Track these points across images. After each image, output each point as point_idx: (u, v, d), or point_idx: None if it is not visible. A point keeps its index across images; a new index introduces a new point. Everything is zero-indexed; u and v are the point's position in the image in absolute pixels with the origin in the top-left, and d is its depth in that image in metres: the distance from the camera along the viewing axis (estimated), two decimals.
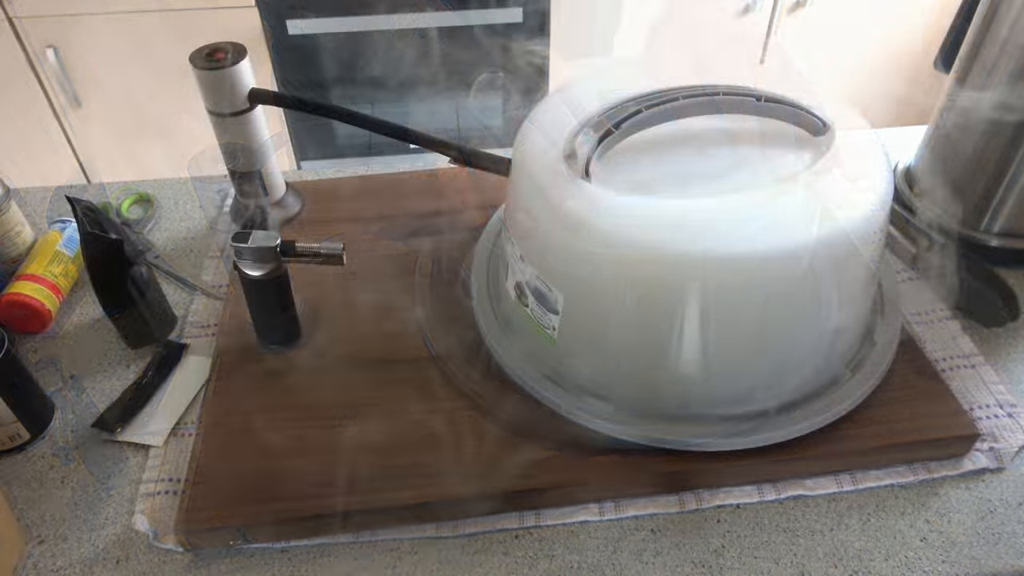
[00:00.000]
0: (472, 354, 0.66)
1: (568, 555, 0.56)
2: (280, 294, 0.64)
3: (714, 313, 0.53)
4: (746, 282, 0.53)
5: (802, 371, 0.59)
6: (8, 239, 0.77)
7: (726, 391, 0.58)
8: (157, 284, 0.70)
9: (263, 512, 0.55)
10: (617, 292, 0.55)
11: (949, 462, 0.61)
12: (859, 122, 0.61)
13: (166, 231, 0.85)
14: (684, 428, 0.58)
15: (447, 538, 0.57)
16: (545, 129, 0.61)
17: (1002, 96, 0.71)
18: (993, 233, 0.77)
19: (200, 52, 0.72)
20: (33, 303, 0.71)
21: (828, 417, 0.59)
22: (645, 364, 0.58)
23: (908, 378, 0.63)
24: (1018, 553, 0.56)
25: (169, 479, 0.60)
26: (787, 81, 0.65)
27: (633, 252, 0.52)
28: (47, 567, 0.56)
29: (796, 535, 0.57)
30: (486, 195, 0.84)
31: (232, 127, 0.75)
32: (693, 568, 0.55)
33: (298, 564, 0.56)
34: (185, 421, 0.64)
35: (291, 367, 0.66)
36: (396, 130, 0.73)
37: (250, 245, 0.60)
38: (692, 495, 0.59)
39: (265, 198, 0.81)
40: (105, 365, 0.70)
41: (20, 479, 0.61)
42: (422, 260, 0.76)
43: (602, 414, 0.59)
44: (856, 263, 0.56)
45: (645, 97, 0.62)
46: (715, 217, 0.53)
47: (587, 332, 0.59)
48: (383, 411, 0.62)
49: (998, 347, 0.69)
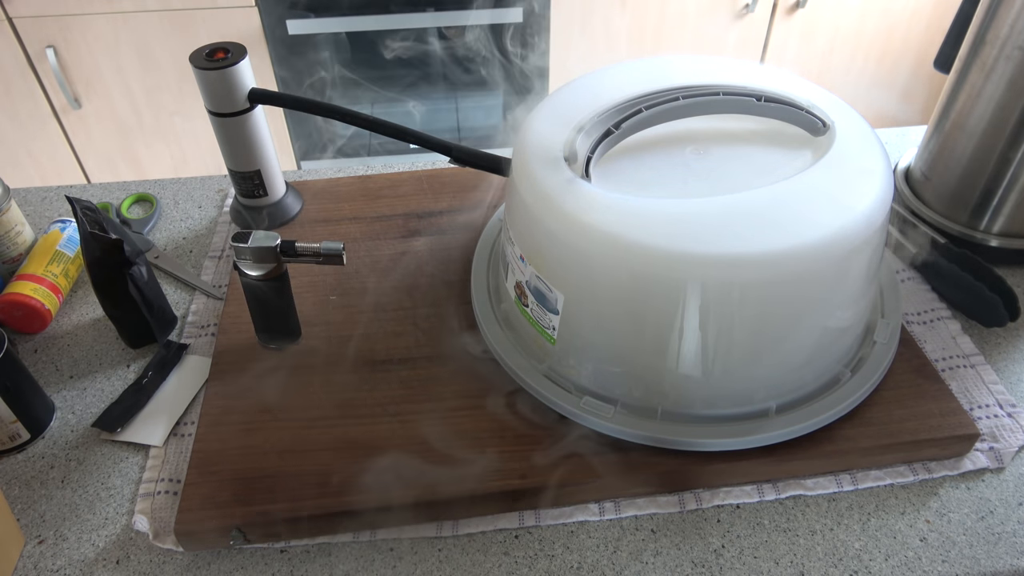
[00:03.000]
0: (472, 354, 0.66)
1: (568, 555, 0.56)
2: (280, 294, 0.64)
3: (714, 313, 0.53)
4: (746, 282, 0.53)
5: (802, 371, 0.59)
6: (8, 239, 0.77)
7: (726, 391, 0.58)
8: (157, 284, 0.70)
9: (262, 512, 0.55)
10: (617, 292, 0.55)
11: (949, 462, 0.61)
12: (859, 122, 0.61)
13: (166, 231, 0.85)
14: (684, 428, 0.58)
15: (447, 538, 0.57)
16: (545, 129, 0.61)
17: (1001, 96, 0.71)
18: (993, 233, 0.77)
19: (200, 52, 0.72)
20: (33, 303, 0.71)
21: (828, 417, 0.59)
22: (645, 364, 0.58)
23: (908, 378, 0.63)
24: (1018, 553, 0.56)
25: (169, 479, 0.60)
26: (787, 81, 0.65)
27: (633, 252, 0.52)
28: (47, 567, 0.56)
29: (796, 535, 0.57)
30: (486, 195, 0.84)
31: (232, 127, 0.75)
32: (693, 568, 0.55)
33: (297, 564, 0.56)
34: (185, 421, 0.64)
35: (291, 367, 0.66)
36: (396, 130, 0.73)
37: (250, 245, 0.60)
38: (692, 495, 0.59)
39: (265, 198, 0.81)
40: (105, 365, 0.70)
41: (20, 479, 0.61)
42: (422, 260, 0.76)
43: (602, 414, 0.59)
44: (856, 263, 0.56)
45: (645, 97, 0.62)
46: (715, 217, 0.53)
47: (587, 332, 0.59)
48: (383, 411, 0.62)
49: (998, 347, 0.69)
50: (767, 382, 0.59)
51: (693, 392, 0.58)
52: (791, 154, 0.60)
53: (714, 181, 0.58)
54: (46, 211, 0.88)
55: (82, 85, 1.65)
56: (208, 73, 0.71)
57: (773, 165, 0.59)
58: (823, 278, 0.55)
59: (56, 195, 0.90)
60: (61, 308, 0.75)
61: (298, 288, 0.70)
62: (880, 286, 0.69)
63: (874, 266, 0.60)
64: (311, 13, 1.62)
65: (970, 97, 0.74)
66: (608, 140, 0.58)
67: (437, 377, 0.64)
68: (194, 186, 0.91)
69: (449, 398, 0.62)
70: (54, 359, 0.70)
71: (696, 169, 0.59)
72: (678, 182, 0.58)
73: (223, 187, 0.90)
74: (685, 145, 0.61)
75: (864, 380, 0.61)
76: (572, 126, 0.61)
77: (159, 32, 1.60)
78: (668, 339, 0.55)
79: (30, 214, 0.87)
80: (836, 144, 0.58)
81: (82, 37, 1.59)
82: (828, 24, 1.80)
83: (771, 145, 0.61)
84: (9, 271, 0.76)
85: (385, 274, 0.75)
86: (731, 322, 0.55)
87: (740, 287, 0.53)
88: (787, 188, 0.55)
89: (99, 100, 1.68)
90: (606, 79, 0.65)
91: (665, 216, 0.53)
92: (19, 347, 0.72)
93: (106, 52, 1.62)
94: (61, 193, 0.90)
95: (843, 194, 0.55)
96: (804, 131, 0.62)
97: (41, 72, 1.62)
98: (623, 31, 1.75)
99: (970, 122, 0.74)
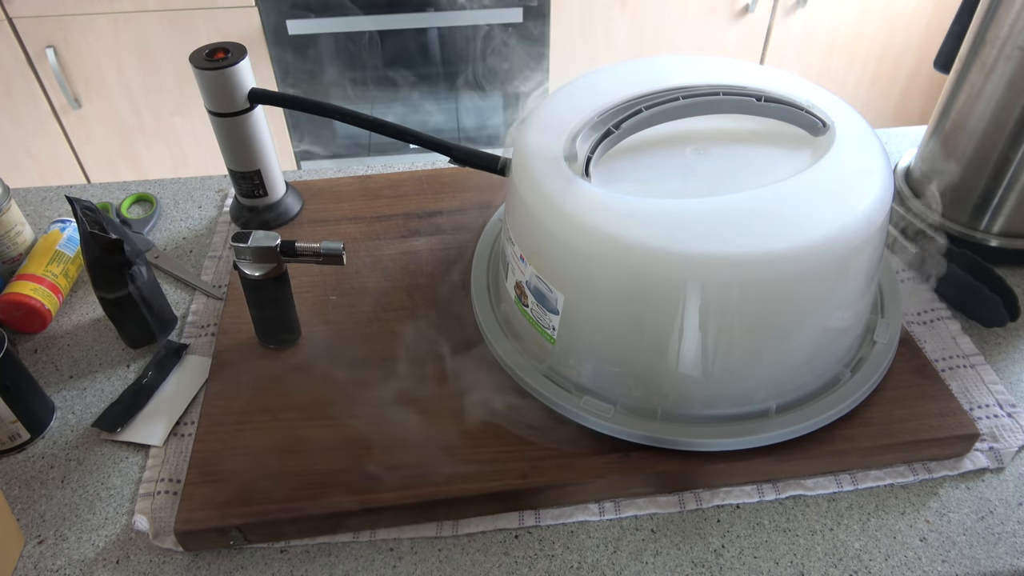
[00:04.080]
0: (472, 354, 0.66)
1: (567, 555, 0.56)
2: (280, 294, 0.64)
3: (714, 313, 0.53)
4: (746, 282, 0.53)
5: (802, 371, 0.59)
6: (8, 239, 0.77)
7: (726, 391, 0.58)
8: (157, 284, 0.70)
9: (262, 512, 0.55)
10: (617, 292, 0.55)
11: (949, 462, 0.61)
12: (859, 122, 0.61)
13: (166, 231, 0.85)
14: (684, 428, 0.58)
15: (447, 538, 0.57)
16: (545, 129, 0.61)
17: (1001, 96, 0.71)
18: (993, 233, 0.77)
19: (200, 52, 0.72)
20: (32, 303, 0.71)
21: (828, 417, 0.59)
22: (645, 364, 0.58)
23: (908, 378, 0.63)
24: (1017, 553, 0.56)
25: (168, 479, 0.60)
26: (787, 81, 0.65)
27: (633, 252, 0.52)
28: (47, 567, 0.56)
29: (795, 535, 0.57)
30: (486, 195, 0.84)
31: (232, 127, 0.75)
32: (692, 568, 0.55)
33: (297, 564, 0.56)
34: (184, 421, 0.64)
35: (290, 367, 0.66)
36: (396, 130, 0.73)
37: (250, 245, 0.60)
38: (692, 495, 0.59)
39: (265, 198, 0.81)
40: (105, 365, 0.70)
41: (20, 479, 0.61)
42: (422, 260, 0.76)
43: (602, 414, 0.59)
44: (856, 263, 0.56)
45: (645, 97, 0.62)
46: (715, 217, 0.53)
47: (587, 332, 0.59)
48: (382, 411, 0.62)
49: (998, 347, 0.69)
50: (767, 382, 0.59)
51: (693, 392, 0.58)
52: (791, 154, 0.60)
53: (714, 181, 0.58)
54: (46, 211, 0.88)
55: (82, 85, 1.65)
56: (208, 73, 0.71)
57: (773, 165, 0.59)
58: (823, 278, 0.55)
59: (56, 195, 0.90)
60: (61, 308, 0.75)
61: (298, 288, 0.70)
62: (880, 286, 0.69)
63: (874, 266, 0.60)
64: (311, 13, 1.63)
65: (970, 97, 0.74)
66: (608, 140, 0.58)
67: (437, 377, 0.64)
68: (194, 186, 0.91)
69: (449, 398, 0.62)
70: (54, 359, 0.70)
71: (696, 169, 0.59)
72: (678, 182, 0.58)
73: (223, 187, 0.90)
74: (685, 145, 0.61)
75: (864, 380, 0.61)
76: (572, 126, 0.61)
77: (159, 32, 1.60)
78: (668, 339, 0.55)
79: (30, 214, 0.87)
80: (836, 144, 0.58)
81: (82, 37, 1.59)
82: (828, 24, 1.80)
83: (771, 145, 0.61)
84: (9, 271, 0.76)
85: (385, 274, 0.75)
86: (731, 322, 0.55)
87: (740, 287, 0.53)
88: (787, 188, 0.55)
89: (99, 100, 1.68)
90: (606, 79, 0.65)
91: (665, 216, 0.53)
92: (19, 347, 0.72)
93: (106, 52, 1.62)
94: (61, 193, 0.90)
95: (843, 194, 0.55)
96: (804, 131, 0.62)
97: (41, 72, 1.62)
98: (623, 31, 1.75)
99: (970, 122, 0.74)
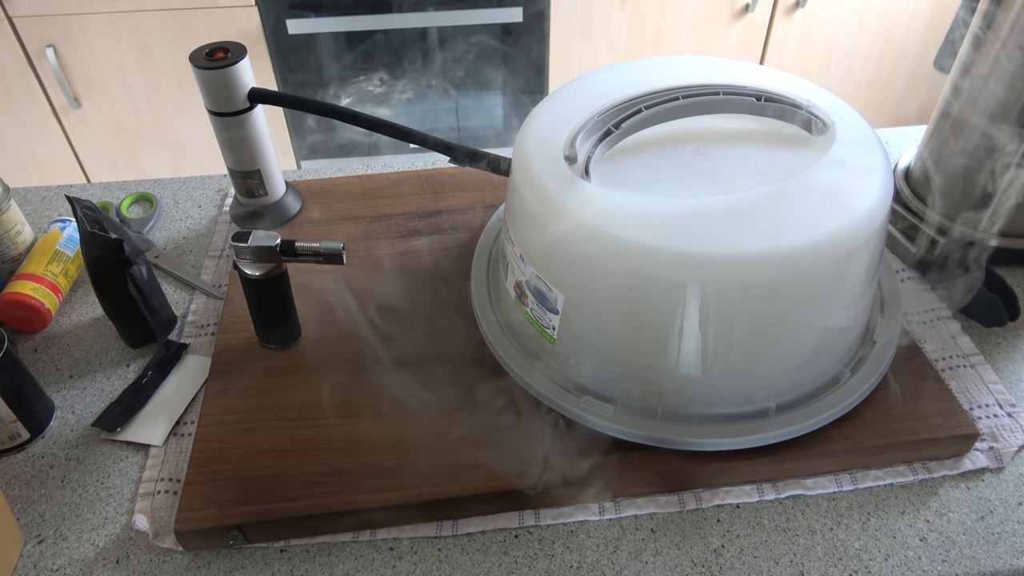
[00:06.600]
0: (472, 354, 0.66)
1: (567, 555, 0.56)
2: (280, 294, 0.64)
3: (714, 313, 0.53)
4: (746, 282, 0.53)
5: (802, 371, 0.60)
6: (8, 239, 0.77)
7: (726, 391, 0.58)
8: (157, 284, 0.70)
9: (262, 512, 0.55)
10: (617, 292, 0.55)
11: (949, 462, 0.61)
12: (859, 122, 0.61)
13: (166, 231, 0.85)
14: (684, 428, 0.58)
15: (447, 538, 0.57)
16: (545, 129, 0.61)
17: (1001, 96, 0.71)
18: (993, 233, 0.77)
19: (200, 52, 0.72)
20: (32, 303, 0.71)
21: (828, 417, 0.59)
22: (645, 364, 0.58)
23: (908, 378, 0.63)
24: (1017, 553, 0.56)
25: (168, 479, 0.60)
26: (787, 81, 0.65)
27: (633, 252, 0.52)
28: (47, 566, 0.56)
29: (795, 535, 0.57)
30: (486, 195, 0.84)
31: (232, 127, 0.75)
32: (692, 568, 0.55)
33: (297, 564, 0.56)
34: (184, 421, 0.64)
35: (290, 367, 0.66)
36: (396, 130, 0.73)
37: (250, 245, 0.60)
38: (691, 495, 0.59)
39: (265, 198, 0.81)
40: (105, 365, 0.70)
41: (20, 479, 0.61)
42: (422, 260, 0.76)
43: (602, 414, 0.59)
44: (856, 263, 0.56)
45: (645, 97, 0.62)
46: (715, 217, 0.53)
47: (587, 332, 0.59)
48: (382, 411, 0.62)
49: (998, 347, 0.69)
50: (767, 382, 0.59)
51: (693, 392, 0.58)
52: (791, 154, 0.60)
53: (714, 181, 0.58)
54: (46, 210, 0.88)
55: (82, 85, 1.65)
56: (208, 73, 0.71)
57: (773, 165, 0.59)
58: (823, 278, 0.55)
59: (56, 195, 0.90)
60: (61, 308, 0.75)
61: (298, 288, 0.70)
62: (880, 286, 0.69)
63: (874, 266, 0.60)
64: (311, 13, 1.62)
65: (970, 97, 0.74)
66: (608, 140, 0.58)
67: (437, 376, 0.64)
68: (194, 186, 0.91)
69: (449, 397, 0.62)
70: (54, 359, 0.70)
71: (696, 169, 0.59)
72: (678, 182, 0.58)
73: (223, 187, 0.90)
74: (685, 145, 0.61)
75: (864, 380, 0.61)
76: (572, 126, 0.61)
77: (159, 32, 1.60)
78: (668, 339, 0.55)
79: (30, 213, 0.87)
80: (836, 144, 0.58)
81: (82, 37, 1.59)
82: (828, 24, 1.80)
83: (771, 145, 0.61)
84: (9, 271, 0.76)
85: (385, 274, 0.75)
86: (731, 322, 0.55)
87: (740, 287, 0.53)
88: (787, 188, 0.55)
89: (99, 100, 1.68)
90: (606, 79, 0.65)
91: (665, 216, 0.53)
92: (19, 347, 0.72)
93: (106, 52, 1.62)
94: (61, 193, 0.90)
95: (843, 194, 0.55)
96: (804, 131, 0.62)
97: (41, 72, 1.62)
98: (623, 31, 1.75)
99: (970, 122, 0.74)
